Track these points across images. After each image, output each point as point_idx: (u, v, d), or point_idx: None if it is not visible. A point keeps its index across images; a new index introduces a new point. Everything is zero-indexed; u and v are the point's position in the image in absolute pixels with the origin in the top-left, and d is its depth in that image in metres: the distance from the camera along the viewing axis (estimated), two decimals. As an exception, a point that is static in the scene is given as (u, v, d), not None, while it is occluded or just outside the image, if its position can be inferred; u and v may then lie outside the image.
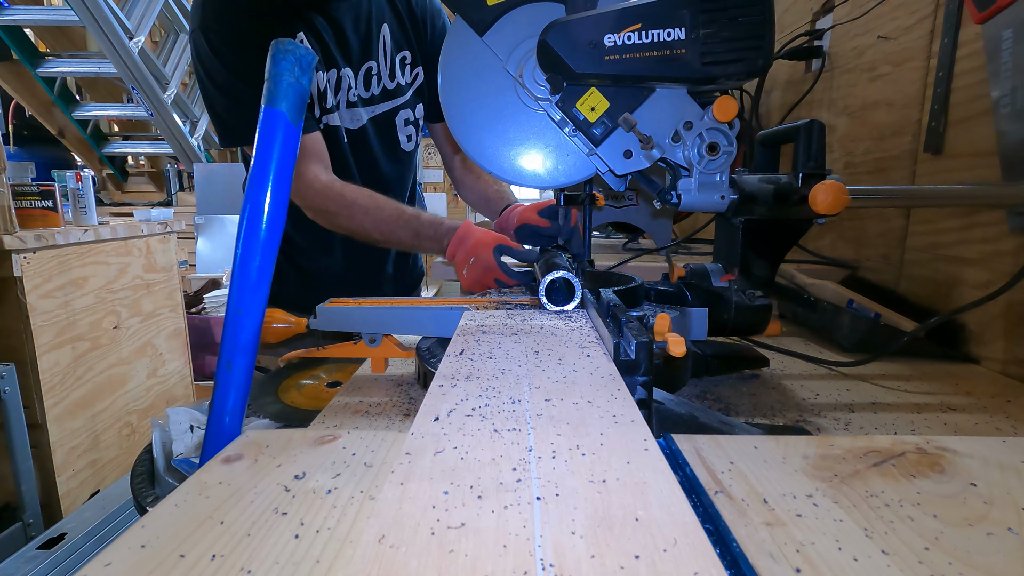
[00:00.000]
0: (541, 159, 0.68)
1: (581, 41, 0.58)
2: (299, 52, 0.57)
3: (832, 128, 1.20)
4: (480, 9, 0.63)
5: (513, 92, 0.66)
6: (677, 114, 0.61)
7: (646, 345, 0.45)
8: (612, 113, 0.62)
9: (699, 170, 0.61)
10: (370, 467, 0.35)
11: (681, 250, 1.41)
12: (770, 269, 0.69)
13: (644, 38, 0.57)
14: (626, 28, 0.57)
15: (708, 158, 0.61)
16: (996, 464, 0.34)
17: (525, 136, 0.67)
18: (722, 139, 0.60)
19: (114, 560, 0.26)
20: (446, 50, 0.67)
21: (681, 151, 0.62)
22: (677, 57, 0.57)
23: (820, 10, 1.28)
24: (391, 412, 0.63)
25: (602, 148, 0.63)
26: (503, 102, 0.67)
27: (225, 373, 0.54)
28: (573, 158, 0.67)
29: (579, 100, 0.62)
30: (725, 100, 0.59)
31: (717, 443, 0.37)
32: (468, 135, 0.68)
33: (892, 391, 0.69)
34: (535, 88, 0.64)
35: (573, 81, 0.61)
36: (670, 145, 0.61)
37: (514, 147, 0.68)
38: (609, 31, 0.58)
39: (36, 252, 1.69)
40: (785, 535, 0.27)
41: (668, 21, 0.57)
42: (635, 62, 0.58)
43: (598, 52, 0.58)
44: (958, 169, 0.85)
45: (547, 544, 0.23)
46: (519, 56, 0.64)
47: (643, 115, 0.61)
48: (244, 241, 0.55)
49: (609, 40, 0.58)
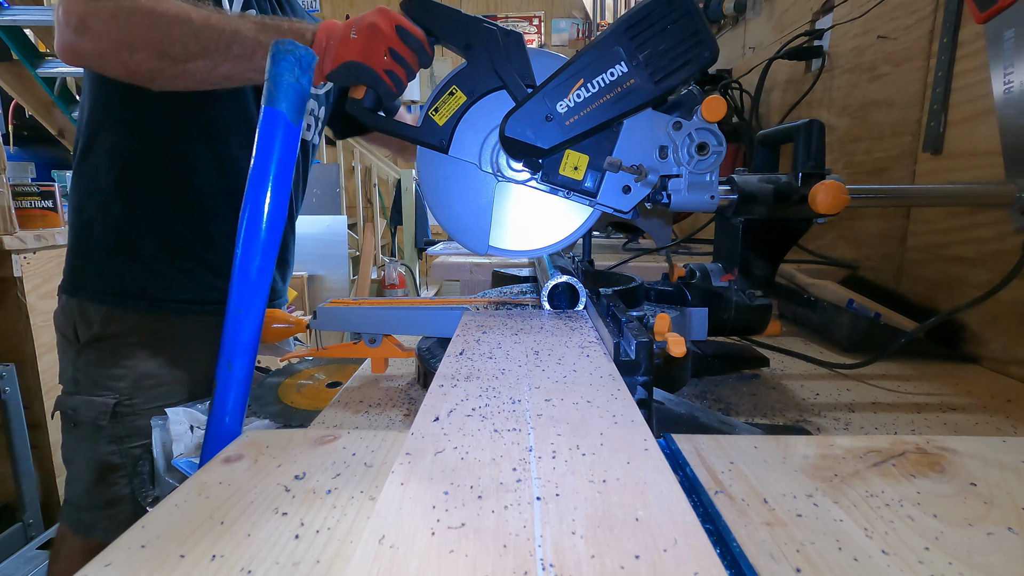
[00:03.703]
0: (555, 227, 0.69)
1: (537, 120, 0.60)
2: (299, 52, 0.57)
3: (832, 128, 1.20)
4: (435, 133, 0.65)
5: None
6: (652, 134, 0.62)
7: (646, 345, 0.45)
8: (595, 163, 0.63)
9: (688, 170, 0.61)
10: (370, 467, 0.35)
11: (681, 250, 1.41)
12: (770, 269, 0.69)
13: (592, 88, 0.59)
14: (572, 89, 0.59)
15: (698, 158, 0.61)
16: (996, 464, 0.34)
17: (531, 212, 0.69)
18: (711, 139, 0.60)
19: (114, 560, 0.26)
20: (422, 176, 0.68)
21: (672, 160, 0.62)
22: (630, 89, 0.58)
23: (820, 10, 1.28)
24: (391, 412, 0.63)
25: (601, 196, 0.64)
26: (501, 193, 0.68)
27: (225, 373, 0.54)
28: (578, 212, 0.68)
29: (560, 167, 0.63)
30: (714, 100, 0.59)
31: (717, 443, 0.37)
32: (480, 241, 0.69)
33: (892, 391, 0.69)
34: (516, 174, 0.66)
35: (547, 155, 0.62)
36: (660, 162, 0.62)
37: (527, 231, 0.69)
38: (559, 99, 0.59)
39: (36, 252, 1.69)
40: (785, 535, 0.27)
41: (606, 63, 0.58)
42: (595, 112, 0.59)
43: (557, 122, 0.60)
44: (958, 169, 0.85)
45: (547, 544, 0.23)
46: (489, 151, 0.66)
47: (623, 150, 0.62)
48: (244, 241, 0.55)
49: (562, 107, 0.59)
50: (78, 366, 0.95)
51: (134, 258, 0.93)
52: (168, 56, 0.70)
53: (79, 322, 0.94)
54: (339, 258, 3.38)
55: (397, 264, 3.69)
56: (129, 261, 0.93)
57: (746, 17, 1.68)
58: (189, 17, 0.69)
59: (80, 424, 0.94)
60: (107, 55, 0.72)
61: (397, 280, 3.61)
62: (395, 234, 4.19)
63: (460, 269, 1.25)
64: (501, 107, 0.63)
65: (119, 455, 0.94)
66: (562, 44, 4.89)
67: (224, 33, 0.70)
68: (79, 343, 0.94)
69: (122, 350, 0.94)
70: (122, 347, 0.94)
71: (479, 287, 1.22)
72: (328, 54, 0.66)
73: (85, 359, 0.94)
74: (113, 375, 0.93)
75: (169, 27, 0.69)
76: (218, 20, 0.70)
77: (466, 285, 1.26)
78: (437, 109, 0.64)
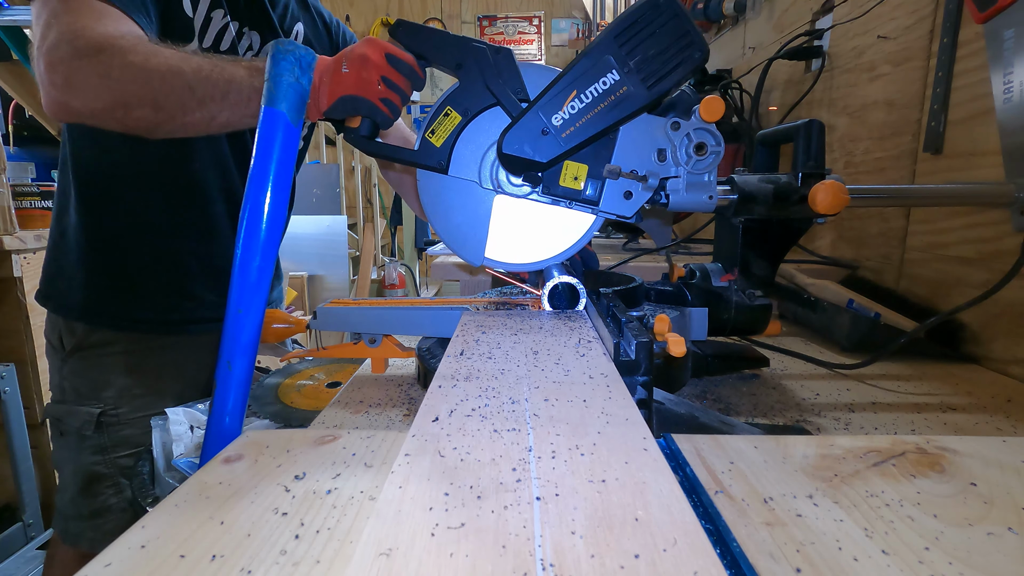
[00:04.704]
0: (555, 238, 0.68)
1: (534, 134, 0.60)
2: (299, 52, 0.57)
3: (832, 128, 1.20)
4: (433, 154, 0.65)
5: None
6: (650, 138, 0.62)
7: (646, 345, 0.45)
8: (594, 171, 0.63)
9: (687, 170, 0.61)
10: (370, 467, 0.35)
11: (681, 250, 1.41)
12: (770, 269, 0.69)
13: (586, 99, 0.59)
14: (566, 101, 0.59)
15: (696, 158, 0.61)
16: (996, 464, 0.34)
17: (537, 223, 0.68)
18: (709, 139, 0.60)
19: (114, 560, 0.26)
20: (424, 197, 0.68)
21: (671, 161, 0.62)
22: (624, 97, 0.58)
23: (820, 10, 1.28)
24: (391, 412, 0.63)
25: (603, 204, 0.64)
26: (500, 205, 0.68)
27: (225, 373, 0.54)
28: (578, 222, 0.68)
29: (560, 178, 0.64)
30: (712, 100, 0.59)
31: (717, 443, 0.37)
32: (476, 253, 0.68)
33: (892, 391, 0.69)
34: (517, 189, 0.66)
35: (546, 169, 0.62)
36: (659, 165, 0.62)
37: (526, 242, 0.68)
38: (554, 112, 0.59)
39: (36, 252, 1.69)
40: (785, 535, 0.27)
41: (598, 73, 0.58)
42: (590, 122, 0.59)
43: (554, 135, 0.60)
44: (958, 169, 0.85)
45: (547, 544, 0.23)
46: (488, 168, 0.66)
47: (621, 156, 0.62)
48: (244, 241, 0.55)
49: (557, 119, 0.59)
50: (64, 374, 0.93)
51: (96, 275, 0.91)
52: (165, 111, 0.68)
53: (63, 331, 0.92)
54: (339, 258, 3.38)
55: (397, 264, 3.69)
56: (91, 278, 0.91)
57: (746, 17, 1.68)
58: (181, 70, 0.67)
59: (66, 433, 0.93)
60: (100, 114, 0.69)
61: (397, 280, 3.60)
62: (395, 234, 4.19)
63: (460, 269, 1.25)
64: (497, 123, 0.63)
65: (104, 465, 0.93)
66: (562, 44, 4.89)
67: (219, 83, 0.68)
68: (64, 351, 0.93)
69: (105, 360, 0.92)
70: (105, 357, 0.92)
71: (479, 287, 1.22)
72: (323, 91, 0.65)
73: (70, 368, 0.93)
74: (98, 384, 0.91)
75: (163, 82, 0.67)
76: (211, 69, 0.68)
77: (466, 285, 1.26)
78: (434, 131, 0.64)
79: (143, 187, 0.90)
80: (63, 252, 0.92)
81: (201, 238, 0.95)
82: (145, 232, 0.92)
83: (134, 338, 0.93)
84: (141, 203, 0.91)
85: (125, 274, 0.92)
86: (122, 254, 0.91)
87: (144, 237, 0.92)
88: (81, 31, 0.67)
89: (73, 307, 0.92)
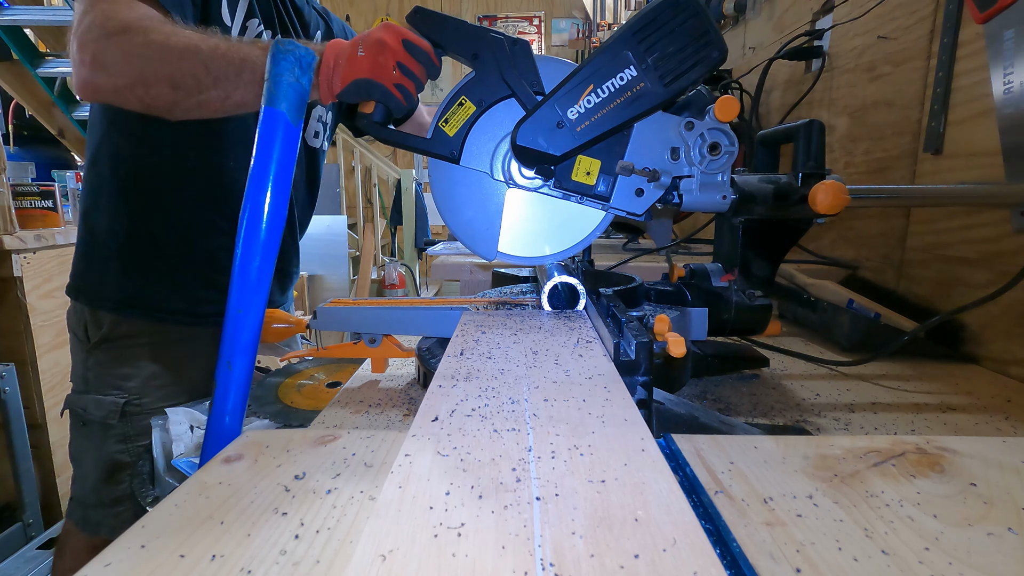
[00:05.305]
0: (565, 232, 0.69)
1: (549, 127, 0.60)
2: (299, 52, 0.57)
3: (832, 128, 1.20)
4: (446, 143, 0.65)
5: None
6: (664, 136, 0.62)
7: (646, 345, 0.45)
8: (607, 167, 0.63)
9: (700, 170, 0.61)
10: (370, 467, 0.35)
11: (681, 250, 1.41)
12: (770, 269, 0.69)
13: (602, 93, 0.58)
14: (583, 95, 0.59)
15: (710, 158, 0.61)
16: (996, 464, 0.34)
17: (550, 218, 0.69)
18: (723, 139, 0.60)
19: (114, 560, 0.26)
20: (436, 192, 0.68)
21: (684, 160, 0.62)
22: (640, 93, 0.58)
23: (820, 10, 1.28)
24: (391, 412, 0.63)
25: (614, 200, 0.64)
26: (512, 199, 0.68)
27: (225, 373, 0.54)
28: (588, 217, 0.68)
29: (572, 172, 0.63)
30: (726, 100, 0.59)
31: (717, 443, 0.37)
32: (489, 247, 0.69)
33: (892, 391, 0.69)
34: (529, 182, 0.66)
35: (559, 162, 0.62)
36: (672, 163, 0.62)
37: (537, 237, 0.69)
38: (569, 105, 0.59)
39: (36, 252, 1.69)
40: (785, 535, 0.27)
41: (615, 67, 0.58)
42: (606, 117, 0.59)
43: (569, 128, 0.59)
44: (958, 169, 0.85)
45: (547, 544, 0.23)
46: (500, 159, 0.66)
47: (634, 153, 0.62)
48: (244, 241, 0.55)
49: (573, 113, 0.59)
50: (88, 365, 0.96)
51: (132, 268, 0.93)
52: (182, 89, 0.70)
53: (89, 323, 0.95)
54: (339, 258, 3.38)
55: (397, 264, 3.69)
56: (127, 270, 0.93)
57: (746, 17, 1.68)
58: (198, 48, 0.69)
59: (90, 423, 0.95)
60: (123, 91, 0.72)
61: (397, 280, 3.61)
62: (395, 234, 4.19)
63: (460, 269, 1.25)
64: (511, 115, 0.63)
65: (127, 453, 0.95)
66: (562, 44, 4.89)
67: (234, 62, 0.69)
68: (89, 343, 0.95)
69: (131, 351, 0.95)
70: (131, 348, 0.95)
71: (479, 287, 1.22)
72: (337, 73, 0.66)
73: (95, 359, 0.95)
74: (123, 375, 0.94)
75: (180, 60, 0.69)
76: (227, 49, 0.70)
77: (466, 285, 1.26)
78: (447, 120, 0.64)
79: (183, 185, 0.93)
80: (94, 247, 0.95)
81: (232, 234, 0.96)
82: (181, 228, 0.95)
83: (160, 330, 0.96)
84: (179, 200, 0.94)
85: (161, 267, 0.94)
86: (159, 248, 0.94)
87: (180, 232, 0.95)
88: (113, 14, 0.71)
89: (106, 299, 0.94)
